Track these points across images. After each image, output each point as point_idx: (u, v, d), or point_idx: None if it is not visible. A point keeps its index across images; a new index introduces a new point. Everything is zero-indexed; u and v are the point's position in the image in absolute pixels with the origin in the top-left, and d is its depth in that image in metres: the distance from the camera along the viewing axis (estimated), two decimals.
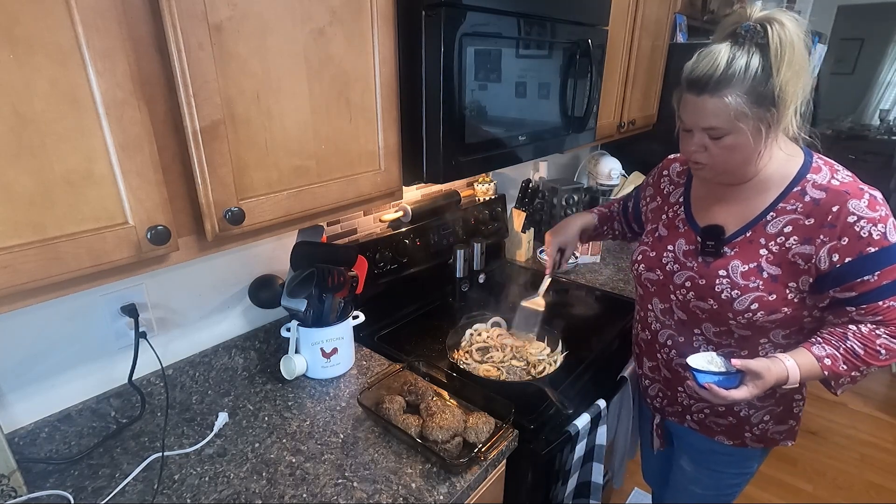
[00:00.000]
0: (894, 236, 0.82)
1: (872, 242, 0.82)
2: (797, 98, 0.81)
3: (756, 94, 0.80)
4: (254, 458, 0.98)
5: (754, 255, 0.92)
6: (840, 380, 0.90)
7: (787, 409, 1.04)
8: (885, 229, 0.82)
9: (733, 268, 0.93)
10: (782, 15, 0.79)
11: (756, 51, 0.80)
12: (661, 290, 1.06)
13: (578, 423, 1.10)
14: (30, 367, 0.93)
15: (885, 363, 0.88)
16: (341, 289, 1.17)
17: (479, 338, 1.38)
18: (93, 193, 0.63)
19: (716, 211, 0.99)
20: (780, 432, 1.07)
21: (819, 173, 0.88)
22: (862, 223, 0.82)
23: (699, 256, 0.98)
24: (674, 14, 2.06)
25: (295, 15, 0.79)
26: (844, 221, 0.83)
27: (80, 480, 0.92)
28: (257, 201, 0.81)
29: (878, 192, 0.85)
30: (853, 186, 0.84)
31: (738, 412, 1.05)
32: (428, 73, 0.96)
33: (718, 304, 0.95)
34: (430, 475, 0.93)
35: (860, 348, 0.87)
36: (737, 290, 0.92)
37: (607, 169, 2.24)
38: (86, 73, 0.59)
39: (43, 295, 0.64)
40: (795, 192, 0.88)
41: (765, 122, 0.82)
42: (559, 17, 1.19)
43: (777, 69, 0.78)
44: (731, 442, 1.09)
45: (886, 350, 0.86)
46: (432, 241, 1.59)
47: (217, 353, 1.19)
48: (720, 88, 0.81)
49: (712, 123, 0.84)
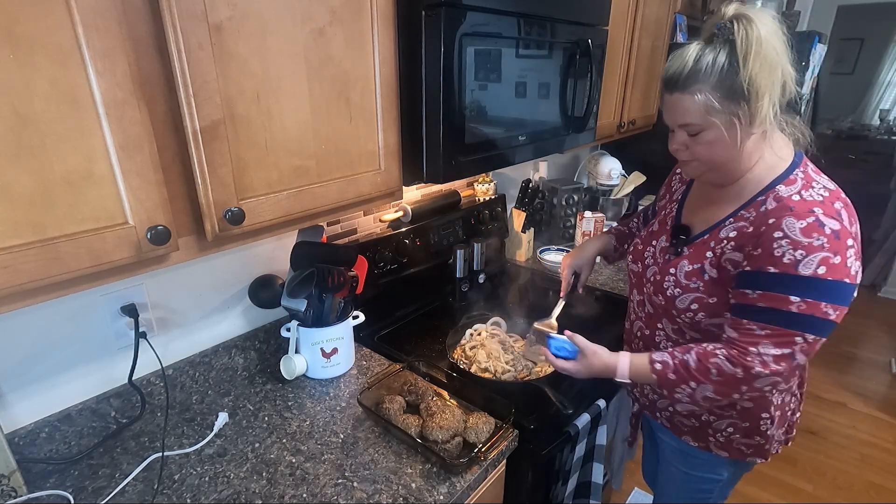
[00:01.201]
0: (808, 270, 0.76)
1: (778, 264, 0.79)
2: (772, 90, 0.80)
3: (725, 89, 0.80)
4: (254, 458, 0.98)
5: (701, 258, 0.93)
6: (675, 390, 0.89)
7: (753, 426, 1.00)
8: (804, 258, 0.76)
9: (681, 267, 0.95)
10: (753, 11, 0.79)
11: (724, 47, 0.80)
12: (637, 282, 1.09)
13: (578, 423, 1.10)
14: (30, 367, 0.93)
15: (720, 388, 0.85)
16: (341, 289, 1.17)
17: (479, 338, 1.38)
18: (93, 193, 0.63)
19: (697, 211, 1.00)
20: (748, 446, 1.04)
21: (791, 185, 0.84)
22: (783, 242, 0.78)
23: (666, 254, 1.01)
24: (674, 14, 2.06)
25: (295, 15, 0.79)
26: (770, 235, 0.80)
27: (80, 480, 0.92)
28: (257, 201, 0.81)
29: (835, 223, 0.77)
30: (805, 206, 0.79)
31: (700, 416, 1.04)
32: (428, 74, 0.96)
33: (665, 300, 0.97)
34: (430, 475, 0.93)
35: (694, 362, 0.87)
36: (679, 288, 0.94)
37: (607, 169, 2.24)
38: (86, 73, 0.59)
39: (43, 295, 0.64)
40: (759, 201, 0.86)
41: (737, 115, 0.82)
42: (559, 17, 1.19)
43: (744, 63, 0.78)
44: (697, 444, 1.08)
45: (717, 371, 0.84)
46: (432, 241, 1.59)
47: (217, 353, 1.19)
48: (689, 85, 0.82)
49: (686, 120, 0.85)
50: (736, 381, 0.84)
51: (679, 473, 1.17)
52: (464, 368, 1.25)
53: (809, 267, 0.77)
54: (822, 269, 0.76)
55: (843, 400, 2.68)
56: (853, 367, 2.99)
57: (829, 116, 4.65)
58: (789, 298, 0.78)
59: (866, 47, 4.68)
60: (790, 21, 2.55)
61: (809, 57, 2.25)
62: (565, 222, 2.16)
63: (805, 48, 2.21)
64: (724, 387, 0.85)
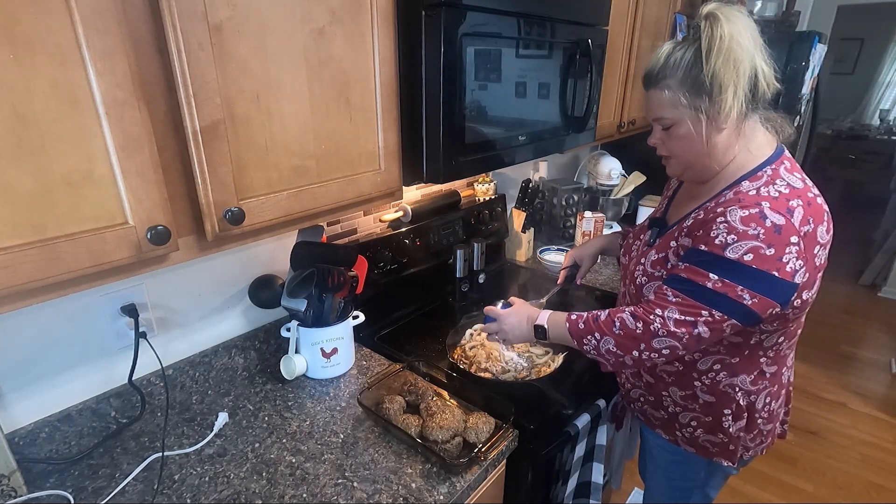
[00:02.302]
0: (734, 254, 0.79)
1: (710, 244, 0.82)
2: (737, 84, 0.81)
3: (690, 83, 0.84)
4: (254, 458, 0.98)
5: (666, 247, 0.95)
6: (583, 340, 0.94)
7: (716, 422, 1.00)
8: (734, 243, 0.79)
9: (649, 257, 0.98)
10: (723, 10, 0.81)
11: (693, 44, 0.83)
12: (624, 273, 1.12)
13: (578, 423, 1.10)
14: (30, 367, 0.93)
15: (620, 342, 0.89)
16: (341, 289, 1.17)
17: (479, 338, 1.38)
18: (93, 193, 0.63)
19: (680, 207, 1.02)
20: (712, 444, 1.03)
21: (755, 182, 0.85)
22: (721, 227, 0.81)
23: (645, 246, 1.04)
24: (674, 14, 2.06)
25: (295, 15, 0.79)
26: (712, 221, 0.83)
27: (80, 480, 0.92)
28: (257, 201, 0.81)
29: (780, 219, 0.78)
30: (754, 199, 0.81)
31: (667, 407, 1.06)
32: (428, 73, 0.96)
33: (636, 288, 1.00)
34: (430, 475, 0.93)
35: (604, 315, 0.93)
36: (646, 276, 0.97)
37: (607, 169, 2.24)
38: (86, 73, 0.59)
39: (43, 295, 0.64)
40: (724, 194, 0.88)
41: (701, 109, 0.85)
42: (559, 17, 1.19)
43: (706, 57, 0.81)
44: (668, 437, 1.10)
45: (621, 325, 0.90)
46: (432, 241, 1.59)
47: (217, 353, 1.19)
48: (659, 80, 0.87)
49: (658, 114, 0.89)
50: (634, 337, 0.88)
51: (660, 469, 1.18)
52: (464, 368, 1.25)
53: (736, 252, 0.79)
54: (748, 256, 0.79)
55: (843, 400, 2.68)
56: (853, 367, 2.99)
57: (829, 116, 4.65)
58: (708, 275, 0.82)
59: (866, 47, 4.69)
60: (790, 21, 2.54)
61: (809, 57, 2.24)
62: (565, 222, 2.16)
63: (805, 48, 2.21)
64: (624, 340, 0.89)
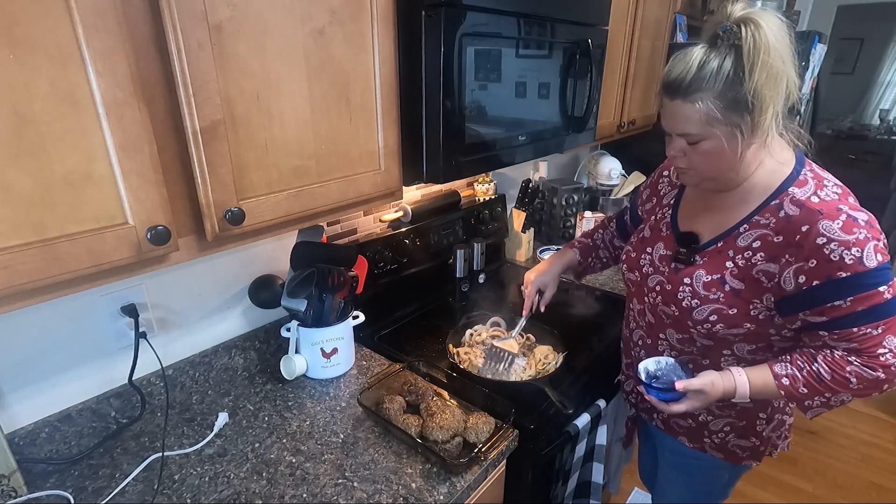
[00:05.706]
0: (872, 261, 0.76)
1: (844, 267, 0.77)
2: (776, 102, 0.77)
3: (728, 99, 0.77)
4: (254, 458, 0.98)
5: (720, 267, 0.89)
6: (805, 402, 0.86)
7: (749, 426, 1.00)
8: (861, 254, 0.76)
9: (697, 277, 0.91)
10: (761, 15, 0.75)
11: (730, 53, 0.76)
12: (637, 290, 1.06)
13: (578, 423, 1.10)
14: (30, 367, 0.93)
15: (860, 393, 0.83)
16: (341, 289, 1.17)
17: (479, 338, 1.38)
18: (93, 194, 0.63)
19: (699, 217, 0.97)
20: (743, 448, 1.03)
21: (803, 187, 0.82)
22: (833, 246, 0.77)
23: (672, 262, 0.97)
24: (674, 14, 2.06)
25: (295, 15, 0.79)
26: (813, 243, 0.78)
27: (80, 480, 0.92)
28: (257, 201, 0.81)
29: (862, 214, 0.78)
30: (831, 206, 0.78)
31: (697, 416, 1.03)
32: (428, 74, 0.96)
33: (680, 311, 0.94)
34: (430, 475, 0.93)
35: (827, 373, 0.83)
36: (697, 299, 0.91)
37: (607, 169, 2.24)
38: (86, 73, 0.59)
39: (43, 295, 0.64)
40: (773, 205, 0.84)
41: (739, 127, 0.79)
42: (559, 17, 1.19)
43: (749, 72, 0.74)
44: (692, 445, 1.08)
45: (858, 378, 0.81)
46: (432, 241, 1.59)
47: (217, 353, 1.19)
48: (691, 92, 0.79)
49: (685, 129, 0.82)
50: (878, 383, 0.82)
51: (679, 476, 1.16)
52: (464, 368, 1.25)
53: (871, 259, 0.76)
54: (879, 256, 0.77)
55: None
56: None
57: (828, 116, 4.64)
58: (878, 290, 0.77)
59: (866, 47, 4.68)
60: (790, 21, 2.55)
61: (809, 57, 2.25)
62: (565, 222, 2.16)
63: (805, 48, 2.21)
64: (865, 390, 0.83)
